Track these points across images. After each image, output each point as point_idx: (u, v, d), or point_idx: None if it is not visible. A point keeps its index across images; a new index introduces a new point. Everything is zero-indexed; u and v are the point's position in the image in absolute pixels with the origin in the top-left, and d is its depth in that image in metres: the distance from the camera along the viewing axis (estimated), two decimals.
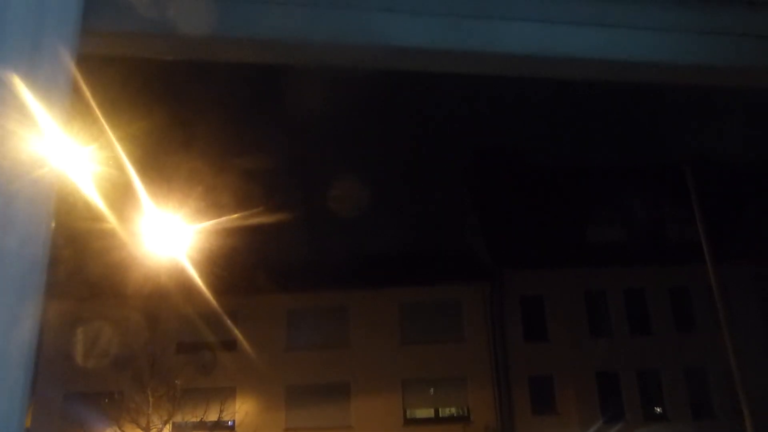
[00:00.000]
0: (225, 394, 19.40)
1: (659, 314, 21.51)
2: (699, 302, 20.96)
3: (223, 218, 14.42)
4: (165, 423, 17.94)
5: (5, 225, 0.90)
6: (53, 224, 0.99)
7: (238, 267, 16.94)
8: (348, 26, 1.25)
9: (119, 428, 17.71)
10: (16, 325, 0.88)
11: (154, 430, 17.75)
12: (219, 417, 18.96)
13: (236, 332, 19.46)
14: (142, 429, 17.63)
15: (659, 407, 20.86)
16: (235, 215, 15.25)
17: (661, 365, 20.79)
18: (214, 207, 13.87)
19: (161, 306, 18.23)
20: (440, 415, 20.58)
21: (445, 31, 1.30)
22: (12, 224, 0.91)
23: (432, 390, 20.46)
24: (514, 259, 21.46)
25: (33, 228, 0.93)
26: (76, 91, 1.04)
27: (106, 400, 17.62)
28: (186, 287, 15.50)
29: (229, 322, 18.74)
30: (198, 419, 18.61)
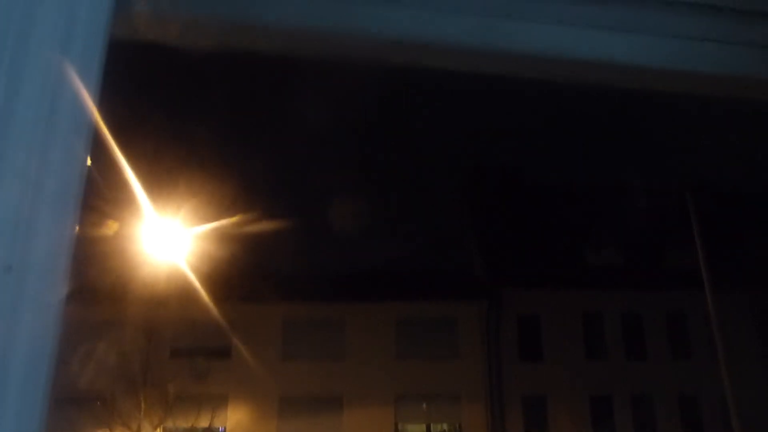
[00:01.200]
0: (217, 401, 19.30)
1: (655, 339, 21.45)
2: (695, 329, 20.91)
3: (221, 224, 14.43)
4: (156, 428, 17.83)
5: (30, 224, 0.89)
6: (77, 227, 0.99)
7: (235, 274, 16.92)
8: (371, 19, 1.25)
9: None
10: (39, 327, 0.88)
11: None
12: (210, 423, 18.86)
13: (231, 340, 19.41)
14: None
15: (651, 431, 20.75)
16: (234, 222, 15.26)
17: (656, 390, 20.70)
18: (213, 213, 13.88)
19: (156, 311, 18.16)
20: (432, 431, 20.47)
21: (475, 29, 1.29)
22: (37, 224, 0.90)
23: (425, 405, 20.37)
24: (511, 278, 21.44)
25: (58, 229, 0.91)
26: (107, 79, 1.02)
27: (98, 404, 17.52)
28: (182, 293, 15.47)
29: (224, 329, 18.68)
30: (189, 425, 18.52)
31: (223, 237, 14.72)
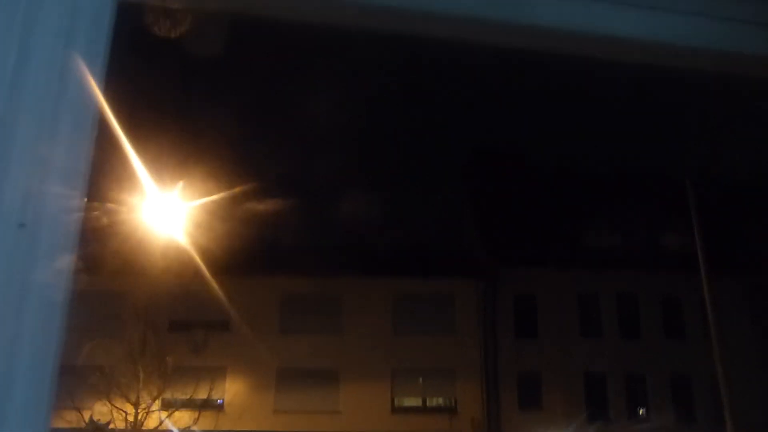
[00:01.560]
0: (215, 373, 19.52)
1: (650, 320, 21.68)
2: (689, 311, 21.12)
3: (221, 199, 14.42)
4: (154, 399, 18.06)
5: (42, 187, 0.93)
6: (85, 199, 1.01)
7: (234, 248, 16.98)
8: None
9: (109, 402, 17.82)
10: (51, 281, 0.91)
11: (144, 405, 17.87)
12: (208, 395, 19.09)
13: (230, 313, 19.52)
14: (131, 404, 17.75)
15: (642, 409, 21.10)
16: (234, 197, 15.26)
17: (648, 369, 20.99)
18: (213, 187, 13.86)
19: (155, 284, 18.25)
20: (428, 405, 20.78)
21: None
22: (48, 187, 0.93)
23: (421, 380, 20.64)
24: (509, 257, 21.55)
25: (67, 192, 0.95)
26: (115, 42, 1.03)
27: (97, 374, 17.69)
28: (182, 265, 15.52)
29: (223, 302, 18.80)
30: (187, 397, 18.74)
31: (222, 211, 14.75)
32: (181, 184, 11.94)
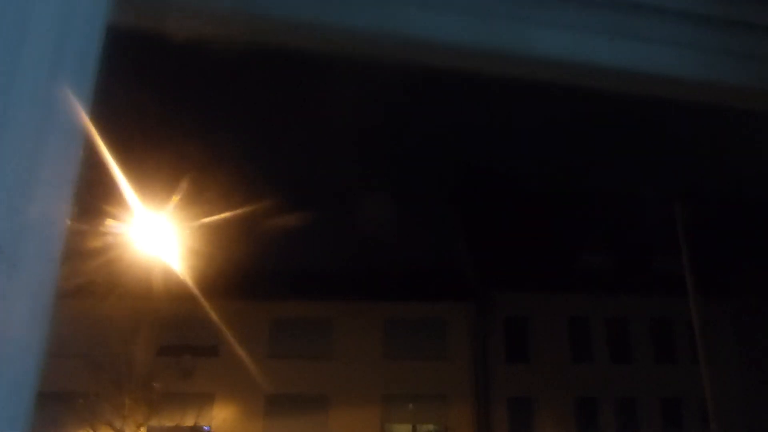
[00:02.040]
0: (203, 399, 19.22)
1: (640, 344, 21.66)
2: (679, 334, 21.15)
3: (211, 221, 14.35)
4: (139, 426, 17.70)
5: (23, 212, 0.91)
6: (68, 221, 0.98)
7: (223, 272, 16.84)
8: (380, 15, 1.28)
9: (92, 430, 17.44)
10: (29, 323, 0.89)
11: None
12: (195, 422, 18.76)
13: (218, 338, 19.31)
14: (116, 431, 17.39)
15: None
16: (223, 218, 15.18)
17: (639, 394, 20.91)
18: (202, 209, 13.80)
19: (143, 307, 18.04)
20: (418, 431, 20.52)
21: (477, 30, 1.32)
22: (29, 213, 0.91)
23: (411, 406, 20.40)
24: (500, 280, 21.53)
25: (49, 223, 0.93)
26: (103, 63, 1.03)
27: (81, 401, 17.32)
28: (170, 290, 15.36)
29: (211, 327, 18.59)
30: (174, 424, 18.41)
31: (211, 234, 14.65)
32: (169, 206, 11.88)
